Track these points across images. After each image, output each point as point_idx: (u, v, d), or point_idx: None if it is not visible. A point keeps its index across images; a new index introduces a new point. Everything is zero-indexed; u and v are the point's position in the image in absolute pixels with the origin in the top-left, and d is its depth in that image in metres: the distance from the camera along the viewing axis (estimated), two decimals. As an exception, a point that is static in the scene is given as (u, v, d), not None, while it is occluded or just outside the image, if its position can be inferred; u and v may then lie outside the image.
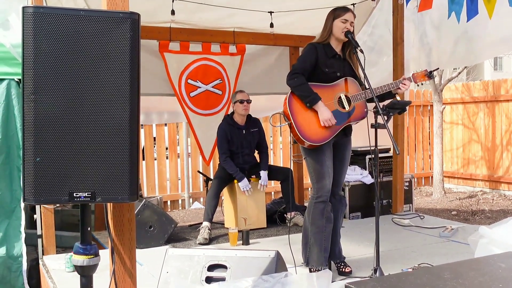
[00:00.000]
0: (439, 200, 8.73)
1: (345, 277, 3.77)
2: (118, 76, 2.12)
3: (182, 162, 8.29)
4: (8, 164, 4.17)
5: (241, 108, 5.44)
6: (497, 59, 29.63)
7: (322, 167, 3.70)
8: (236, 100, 5.46)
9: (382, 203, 6.10)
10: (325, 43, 3.76)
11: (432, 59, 6.64)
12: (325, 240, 3.77)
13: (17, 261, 4.17)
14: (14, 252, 4.15)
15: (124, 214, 2.62)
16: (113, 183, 2.15)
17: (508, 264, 2.42)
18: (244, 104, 5.43)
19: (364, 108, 3.78)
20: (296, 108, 3.63)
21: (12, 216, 4.13)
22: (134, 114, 2.15)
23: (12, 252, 4.14)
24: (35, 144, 2.07)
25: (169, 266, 3.23)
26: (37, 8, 2.05)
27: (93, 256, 2.32)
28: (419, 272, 2.79)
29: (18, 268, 4.17)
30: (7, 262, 4.17)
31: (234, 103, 5.51)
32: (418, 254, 4.29)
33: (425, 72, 3.86)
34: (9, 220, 4.11)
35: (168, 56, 5.92)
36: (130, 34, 2.11)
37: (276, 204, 6.00)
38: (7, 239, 4.13)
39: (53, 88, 2.08)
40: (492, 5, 4.60)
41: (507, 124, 8.94)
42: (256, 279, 2.87)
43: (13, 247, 4.14)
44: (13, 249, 4.14)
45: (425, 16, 6.30)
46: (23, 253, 4.17)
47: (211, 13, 5.54)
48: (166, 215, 5.06)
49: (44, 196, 2.10)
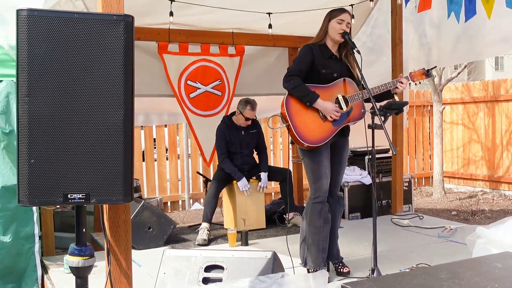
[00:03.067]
0: (439, 200, 8.73)
1: (343, 278, 3.77)
2: (112, 78, 2.13)
3: (182, 163, 8.30)
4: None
5: (243, 122, 5.47)
6: (498, 59, 29.61)
7: (320, 168, 3.70)
8: (243, 113, 5.42)
9: (382, 203, 6.10)
10: (321, 43, 3.77)
11: (432, 58, 6.64)
12: (323, 240, 3.77)
13: (29, 241, 4.00)
14: (24, 232, 4.01)
15: (120, 215, 2.63)
16: (107, 185, 2.15)
17: (504, 264, 2.43)
18: (249, 121, 5.46)
19: (362, 108, 3.78)
20: (293, 109, 3.63)
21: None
22: (128, 116, 2.16)
23: (22, 232, 4.02)
24: (29, 146, 2.08)
25: (166, 267, 3.23)
26: (31, 11, 2.06)
27: (88, 257, 2.33)
28: (416, 272, 2.80)
29: (30, 249, 4.01)
30: (15, 246, 3.96)
31: (240, 111, 5.47)
32: (416, 255, 4.29)
33: (423, 70, 3.86)
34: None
35: (167, 58, 5.92)
36: (124, 36, 2.12)
37: (276, 205, 6.00)
38: (17, 218, 3.94)
39: (47, 90, 2.09)
40: (491, 5, 4.61)
41: (507, 124, 8.93)
42: (252, 279, 2.88)
43: (24, 226, 3.99)
44: (24, 228, 3.99)
45: (424, 16, 6.30)
46: (35, 232, 4.01)
47: (210, 15, 5.54)
48: (165, 216, 5.06)
49: (39, 197, 2.11)
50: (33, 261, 4.02)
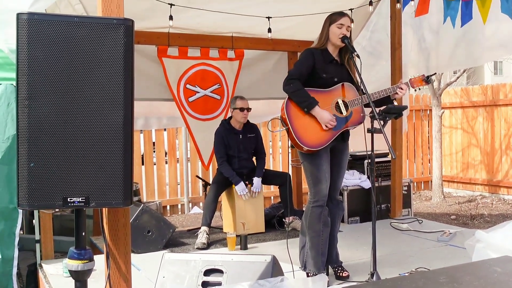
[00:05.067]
0: (439, 204, 8.73)
1: (342, 282, 3.77)
2: (112, 81, 2.14)
3: (182, 167, 8.30)
4: (6, 164, 4.11)
5: (241, 116, 5.45)
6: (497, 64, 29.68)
7: (319, 172, 3.71)
8: (236, 107, 5.46)
9: (381, 207, 6.09)
10: (323, 48, 3.77)
11: (430, 63, 6.65)
12: (322, 244, 3.77)
13: (9, 264, 4.09)
14: (6, 255, 4.08)
15: (119, 219, 2.63)
16: (107, 188, 2.16)
17: (503, 268, 2.42)
18: (244, 112, 5.44)
19: (361, 113, 3.79)
20: (293, 113, 3.64)
21: (8, 217, 4.08)
22: (128, 120, 2.16)
23: (4, 255, 4.08)
24: (29, 150, 2.08)
25: (165, 271, 3.23)
26: (31, 14, 2.06)
27: (88, 261, 2.33)
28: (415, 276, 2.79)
29: (9, 271, 4.10)
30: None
31: (233, 109, 5.50)
32: (415, 259, 4.29)
33: (423, 77, 3.88)
34: (5, 221, 4.06)
35: (167, 61, 5.93)
36: (124, 40, 2.13)
37: (275, 209, 6.00)
38: (0, 241, 4.09)
39: (47, 94, 2.09)
40: (486, 11, 4.63)
41: (506, 128, 8.95)
42: (252, 283, 2.87)
43: (6, 249, 4.07)
44: (6, 251, 4.08)
45: (423, 21, 6.31)
46: (14, 256, 4.12)
47: (209, 18, 5.55)
48: (165, 220, 5.06)
49: (38, 201, 2.11)
50: (11, 285, 4.08)
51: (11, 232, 4.04)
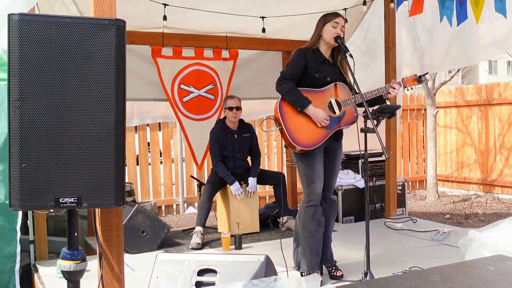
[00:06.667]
0: (433, 203, 8.75)
1: (336, 281, 3.78)
2: (104, 82, 2.14)
3: (177, 167, 8.29)
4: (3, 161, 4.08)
5: (231, 115, 5.46)
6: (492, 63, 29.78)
7: (313, 171, 3.71)
8: (226, 106, 5.48)
9: (375, 207, 6.10)
10: (314, 48, 3.78)
11: (425, 63, 6.65)
12: (316, 244, 3.78)
13: (11, 261, 4.02)
14: (7, 251, 4.05)
15: (112, 219, 2.63)
16: (99, 189, 2.15)
17: (496, 266, 2.43)
18: (234, 111, 5.44)
19: (354, 112, 3.79)
20: (287, 113, 3.65)
21: (8, 213, 4.05)
22: (119, 120, 2.16)
23: (5, 251, 4.04)
24: (20, 150, 2.08)
25: (159, 271, 3.23)
26: (23, 15, 2.06)
27: (80, 261, 2.33)
28: (408, 275, 2.79)
29: (11, 268, 4.03)
30: None
31: (225, 109, 5.52)
32: (410, 258, 4.30)
33: (415, 76, 3.88)
34: (5, 217, 4.02)
35: (161, 61, 5.93)
36: (115, 41, 2.13)
37: (270, 209, 6.00)
38: (1, 236, 4.05)
39: (38, 95, 2.09)
40: (479, 10, 4.66)
41: (500, 128, 8.98)
42: (245, 283, 2.88)
43: (8, 245, 4.03)
44: (7, 247, 4.04)
45: (417, 20, 6.32)
46: (17, 252, 4.05)
47: (203, 19, 5.55)
48: (159, 220, 5.06)
49: (30, 202, 2.11)
50: (13, 281, 4.05)
51: (12, 228, 3.98)
